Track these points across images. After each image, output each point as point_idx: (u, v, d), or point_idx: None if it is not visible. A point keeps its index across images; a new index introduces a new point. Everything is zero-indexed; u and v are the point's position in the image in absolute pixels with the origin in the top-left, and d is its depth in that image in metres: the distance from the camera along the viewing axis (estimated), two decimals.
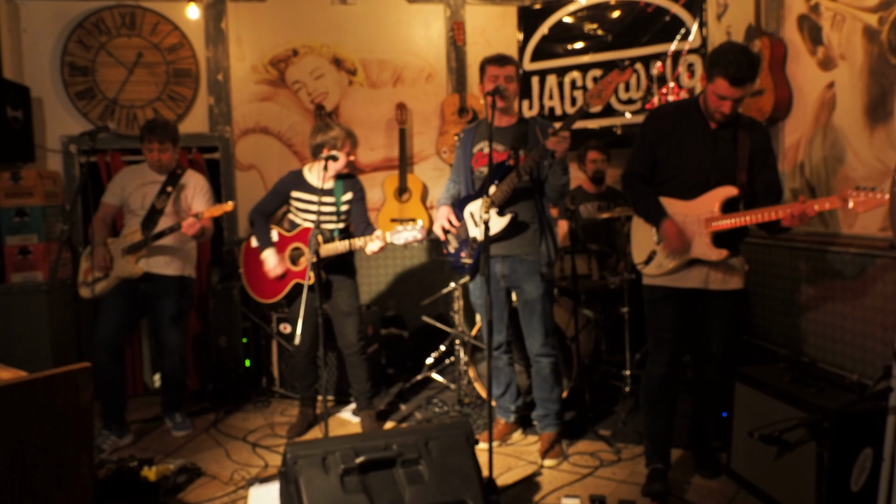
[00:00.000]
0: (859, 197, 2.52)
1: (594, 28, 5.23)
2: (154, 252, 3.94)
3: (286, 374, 4.73)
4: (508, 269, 3.53)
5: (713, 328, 3.09)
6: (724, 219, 2.85)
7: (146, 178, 4.04)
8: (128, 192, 4.03)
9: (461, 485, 2.42)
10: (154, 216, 3.96)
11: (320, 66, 5.44)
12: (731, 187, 2.88)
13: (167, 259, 3.99)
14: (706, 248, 2.90)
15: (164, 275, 3.98)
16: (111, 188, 4.08)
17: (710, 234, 2.89)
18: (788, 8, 3.92)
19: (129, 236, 3.94)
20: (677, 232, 2.91)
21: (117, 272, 3.90)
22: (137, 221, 3.97)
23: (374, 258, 5.54)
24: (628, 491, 3.16)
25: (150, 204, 3.97)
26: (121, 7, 5.06)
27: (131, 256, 3.89)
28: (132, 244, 3.90)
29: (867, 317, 3.37)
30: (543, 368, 3.59)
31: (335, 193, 3.84)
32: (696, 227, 2.92)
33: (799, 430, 2.71)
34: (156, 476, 3.21)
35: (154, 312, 4.04)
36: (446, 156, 5.41)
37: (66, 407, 2.20)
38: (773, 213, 2.74)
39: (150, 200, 3.98)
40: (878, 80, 3.28)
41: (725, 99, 2.81)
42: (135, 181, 4.04)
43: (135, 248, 3.89)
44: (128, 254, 3.89)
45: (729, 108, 2.83)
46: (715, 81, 2.80)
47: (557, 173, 3.35)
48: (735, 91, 2.77)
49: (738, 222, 2.82)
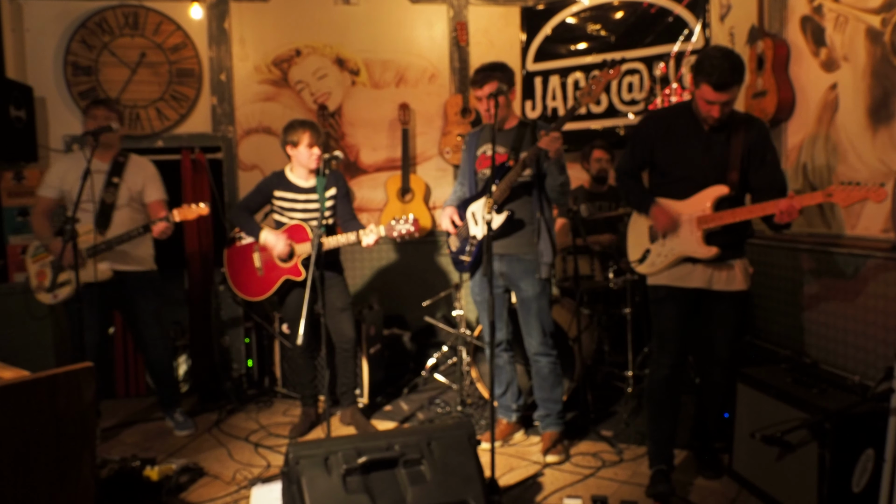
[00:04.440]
0: (842, 192, 2.60)
1: (597, 29, 5.23)
2: (116, 251, 3.81)
3: (288, 374, 4.73)
4: (506, 268, 3.55)
5: (717, 330, 3.10)
6: (714, 217, 2.89)
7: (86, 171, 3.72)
8: (69, 185, 3.80)
9: (463, 485, 2.42)
10: (107, 212, 3.79)
11: (323, 67, 5.44)
12: (723, 186, 2.91)
13: (131, 256, 3.88)
14: (697, 245, 2.94)
15: (131, 271, 3.90)
16: (48, 180, 3.89)
17: (702, 232, 2.93)
18: (791, 9, 3.92)
19: (83, 236, 3.69)
20: (664, 212, 3.00)
21: (84, 277, 3.69)
22: (88, 218, 3.77)
23: (375, 259, 5.54)
24: (630, 492, 3.16)
25: (98, 198, 3.77)
26: (124, 7, 5.07)
27: (94, 259, 3.73)
28: (94, 247, 3.73)
29: (869, 318, 3.37)
30: (542, 368, 3.60)
31: (318, 191, 3.80)
32: (688, 225, 2.97)
33: (801, 431, 2.71)
34: (158, 476, 3.22)
35: (129, 309, 3.98)
36: (449, 156, 5.42)
37: (68, 407, 2.20)
38: (761, 209, 2.79)
39: (98, 194, 3.77)
40: (881, 82, 3.27)
41: (713, 104, 2.83)
42: (74, 172, 3.78)
43: (98, 250, 3.74)
44: (90, 257, 3.73)
45: (718, 112, 2.85)
46: (701, 87, 2.84)
47: (554, 173, 3.37)
48: (720, 96, 2.79)
49: (728, 219, 2.86)
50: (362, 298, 5.29)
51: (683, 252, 2.98)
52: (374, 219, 5.49)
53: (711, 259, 2.95)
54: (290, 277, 3.85)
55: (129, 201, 3.91)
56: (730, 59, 2.77)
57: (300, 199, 3.88)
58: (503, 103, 3.42)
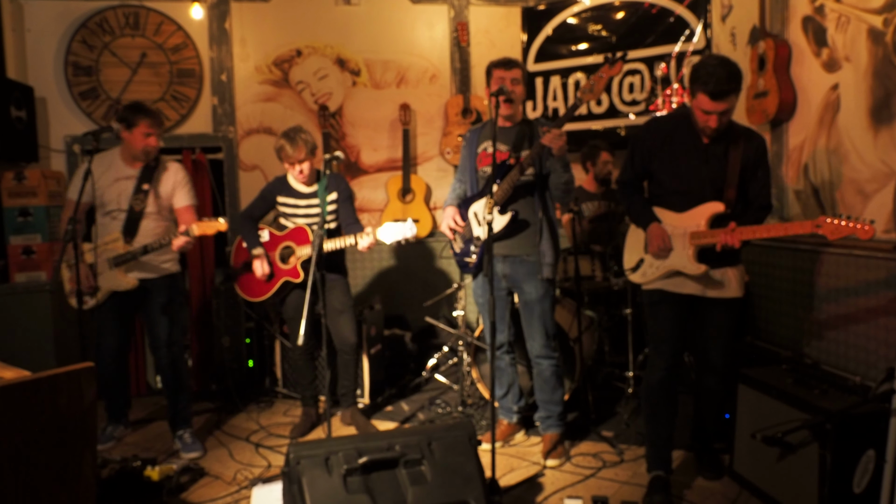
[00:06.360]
0: (830, 226, 2.60)
1: (598, 29, 5.23)
2: (141, 261, 3.72)
3: (289, 375, 4.73)
4: (509, 270, 3.53)
5: (712, 337, 3.10)
6: (707, 234, 2.87)
7: (118, 172, 3.71)
8: (101, 189, 3.68)
9: (464, 485, 2.42)
10: (135, 219, 3.70)
11: (324, 67, 5.44)
12: (719, 203, 2.89)
13: (155, 263, 3.77)
14: (687, 261, 2.93)
15: (153, 277, 3.79)
16: (76, 183, 3.66)
17: (694, 248, 2.91)
18: (793, 9, 3.92)
19: (111, 244, 3.67)
20: (660, 234, 2.97)
21: (108, 286, 3.67)
22: (116, 226, 3.69)
23: (376, 259, 5.55)
24: (631, 492, 3.16)
25: (127, 206, 3.69)
26: (125, 7, 5.07)
27: (120, 268, 3.66)
28: (120, 256, 3.65)
29: (870, 319, 3.36)
30: (544, 371, 3.59)
31: (319, 195, 3.77)
32: (681, 240, 2.96)
33: (802, 431, 2.71)
34: (159, 476, 3.22)
35: (148, 311, 3.87)
36: (450, 156, 5.41)
37: (69, 406, 2.20)
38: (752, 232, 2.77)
39: (127, 200, 3.69)
40: (883, 82, 3.27)
41: (710, 114, 2.80)
42: (107, 176, 3.69)
43: (124, 259, 3.66)
44: (116, 266, 3.66)
45: (716, 123, 2.81)
46: (697, 97, 2.81)
47: (558, 171, 3.35)
48: (717, 105, 2.76)
49: (718, 242, 2.81)
50: (364, 299, 5.29)
51: (674, 266, 2.97)
52: (375, 219, 5.49)
53: (700, 276, 2.94)
54: (290, 279, 3.86)
55: (159, 209, 3.77)
56: (726, 67, 2.73)
57: (301, 204, 3.89)
58: (519, 95, 3.42)
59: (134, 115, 3.64)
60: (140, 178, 3.73)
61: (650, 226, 3.02)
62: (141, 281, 3.74)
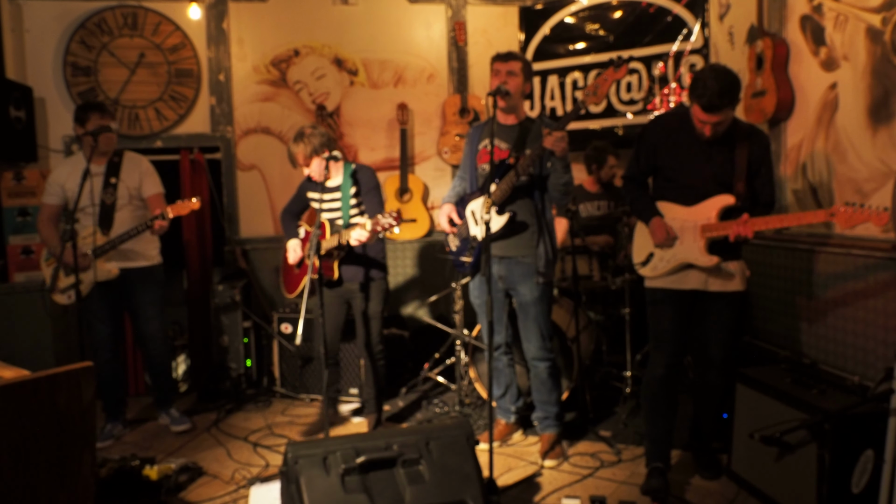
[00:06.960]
0: (845, 213, 2.60)
1: (596, 28, 5.23)
2: (122, 250, 3.87)
3: (287, 374, 4.73)
4: (505, 271, 3.52)
5: (713, 331, 3.11)
6: (719, 227, 2.90)
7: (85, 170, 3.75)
8: (70, 189, 3.86)
9: (461, 485, 2.42)
10: (108, 212, 3.85)
11: (322, 67, 5.44)
12: (729, 196, 2.92)
13: (135, 252, 3.94)
14: (699, 253, 2.96)
15: (136, 267, 3.96)
16: (50, 188, 3.95)
17: (705, 240, 2.94)
18: (791, 8, 3.92)
19: (88, 238, 3.81)
20: (661, 227, 3.03)
21: (91, 277, 3.80)
22: (90, 220, 3.85)
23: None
24: (629, 492, 3.16)
25: (99, 200, 3.85)
26: (123, 7, 5.07)
27: (100, 259, 3.81)
28: (99, 247, 3.80)
29: (868, 318, 3.37)
30: (541, 372, 3.58)
31: (342, 189, 3.80)
32: (692, 233, 2.98)
33: (800, 431, 2.71)
34: (157, 475, 3.22)
35: (132, 303, 4.02)
36: (447, 156, 5.42)
37: (68, 406, 2.20)
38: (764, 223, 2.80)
39: (98, 195, 3.85)
40: (881, 81, 3.27)
41: (704, 123, 2.86)
42: (74, 176, 3.84)
43: (103, 250, 3.81)
44: (96, 257, 3.80)
45: (710, 132, 2.87)
46: (693, 106, 2.86)
47: (559, 171, 3.34)
48: (710, 117, 2.81)
49: (731, 233, 2.83)
50: None
51: (686, 259, 2.99)
52: None
53: (712, 268, 2.96)
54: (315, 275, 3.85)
55: (130, 199, 3.94)
56: (721, 82, 2.75)
57: (326, 198, 3.83)
58: (516, 87, 3.41)
59: (84, 113, 3.86)
60: (106, 172, 3.91)
61: (652, 220, 3.07)
62: (122, 270, 3.89)
